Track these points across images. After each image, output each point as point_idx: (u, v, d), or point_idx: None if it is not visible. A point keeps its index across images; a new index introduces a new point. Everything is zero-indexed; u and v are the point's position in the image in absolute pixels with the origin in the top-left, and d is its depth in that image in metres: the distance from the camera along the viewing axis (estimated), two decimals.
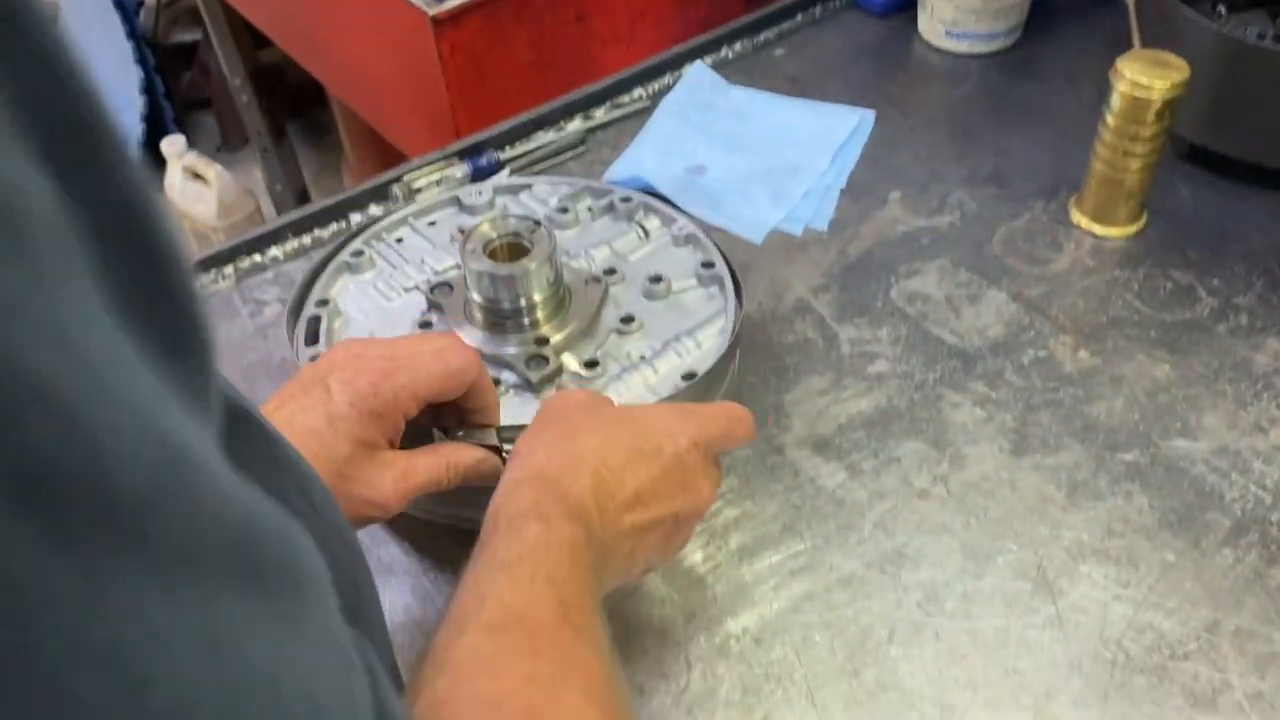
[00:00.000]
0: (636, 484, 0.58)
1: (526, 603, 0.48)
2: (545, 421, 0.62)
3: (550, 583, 0.49)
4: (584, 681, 0.45)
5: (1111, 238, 0.98)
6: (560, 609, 0.48)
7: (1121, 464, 0.80)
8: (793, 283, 0.96)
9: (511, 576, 0.50)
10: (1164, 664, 0.68)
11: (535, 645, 0.46)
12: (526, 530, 0.52)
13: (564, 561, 0.51)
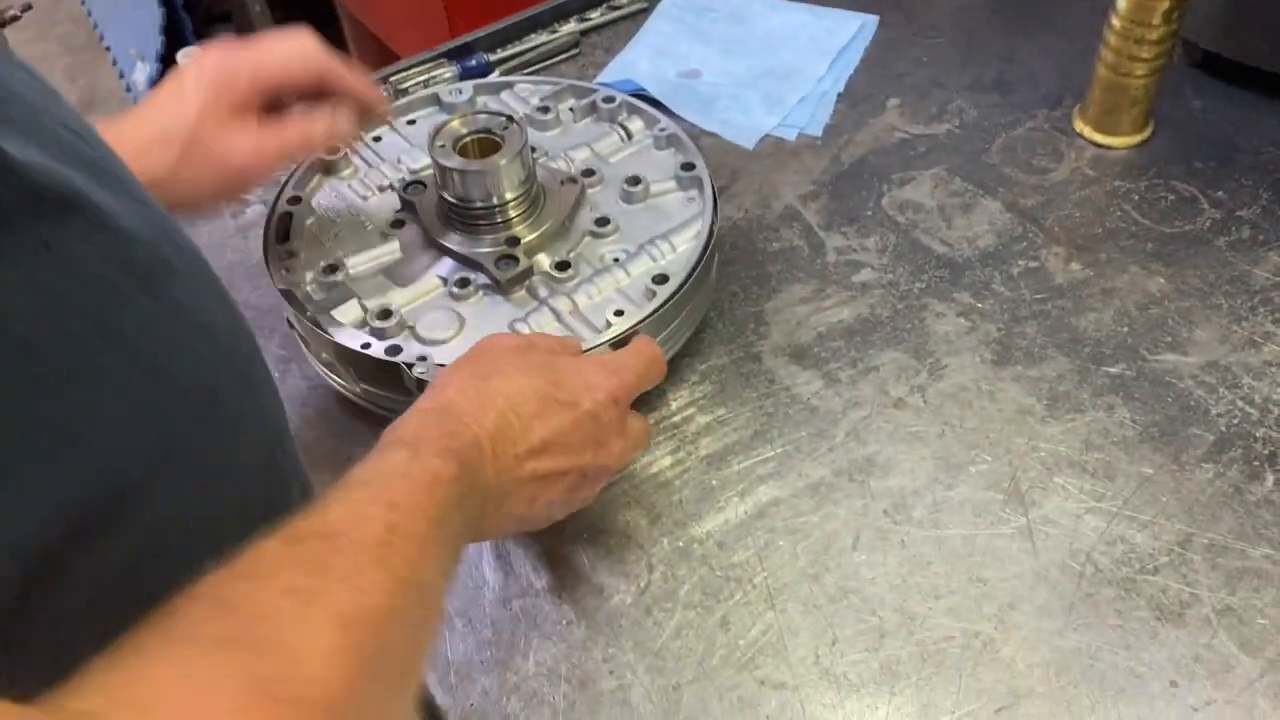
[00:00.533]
0: (544, 433, 0.58)
1: (348, 520, 0.46)
2: (470, 358, 0.62)
3: (388, 506, 0.48)
4: (348, 607, 0.42)
5: (1114, 147, 0.95)
6: (385, 534, 0.46)
7: (1106, 377, 0.78)
8: (782, 189, 0.94)
9: (351, 494, 0.48)
10: (1133, 577, 0.67)
11: (322, 561, 0.43)
12: (392, 455, 0.52)
13: (416, 491, 0.50)
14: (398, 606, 0.44)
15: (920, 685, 0.63)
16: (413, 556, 0.47)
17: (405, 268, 0.78)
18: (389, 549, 0.46)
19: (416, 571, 0.46)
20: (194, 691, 0.36)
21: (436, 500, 0.50)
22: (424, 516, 0.49)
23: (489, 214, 0.76)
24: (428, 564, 0.48)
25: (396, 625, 0.44)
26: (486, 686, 0.65)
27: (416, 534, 0.47)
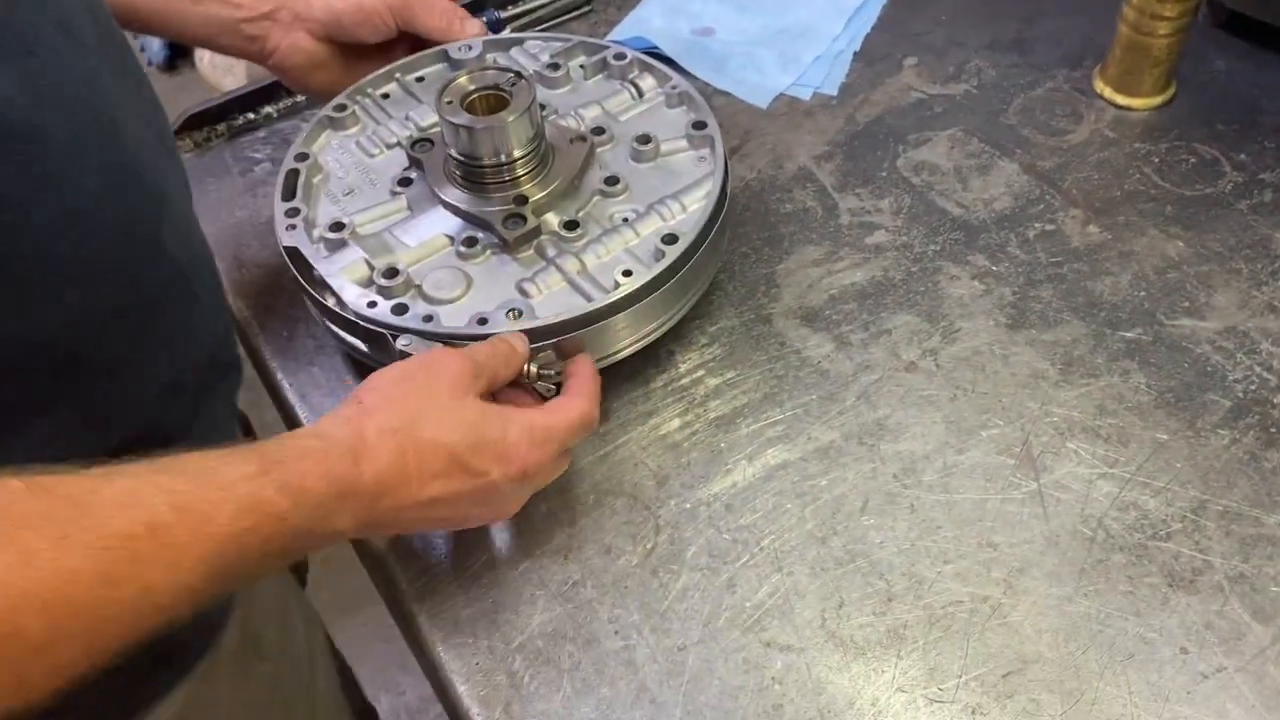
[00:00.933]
0: (437, 492, 0.59)
1: (118, 498, 0.46)
2: (414, 380, 0.61)
3: (175, 508, 0.47)
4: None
5: (1135, 109, 0.93)
6: (140, 529, 0.45)
7: (1122, 341, 0.77)
8: (796, 150, 0.92)
9: (154, 478, 0.48)
10: (1145, 543, 0.66)
11: (28, 521, 0.43)
12: (238, 463, 0.51)
13: (224, 508, 0.48)
14: (71, 599, 0.42)
15: (927, 649, 0.63)
16: (152, 559, 0.45)
17: (412, 226, 0.77)
18: (127, 543, 0.44)
19: (144, 573, 0.45)
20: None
21: (236, 525, 0.49)
22: (207, 531, 0.47)
23: (496, 172, 0.75)
24: (171, 573, 0.46)
25: (53, 613, 0.42)
26: (493, 645, 0.65)
27: (179, 543, 0.46)
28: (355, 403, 0.60)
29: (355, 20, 0.84)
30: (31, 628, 0.42)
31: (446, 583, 0.68)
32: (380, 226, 0.77)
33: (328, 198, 0.80)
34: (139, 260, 0.56)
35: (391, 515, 0.58)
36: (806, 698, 0.62)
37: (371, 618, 1.91)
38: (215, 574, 0.48)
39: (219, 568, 0.48)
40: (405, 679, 1.82)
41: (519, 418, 0.63)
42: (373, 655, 1.85)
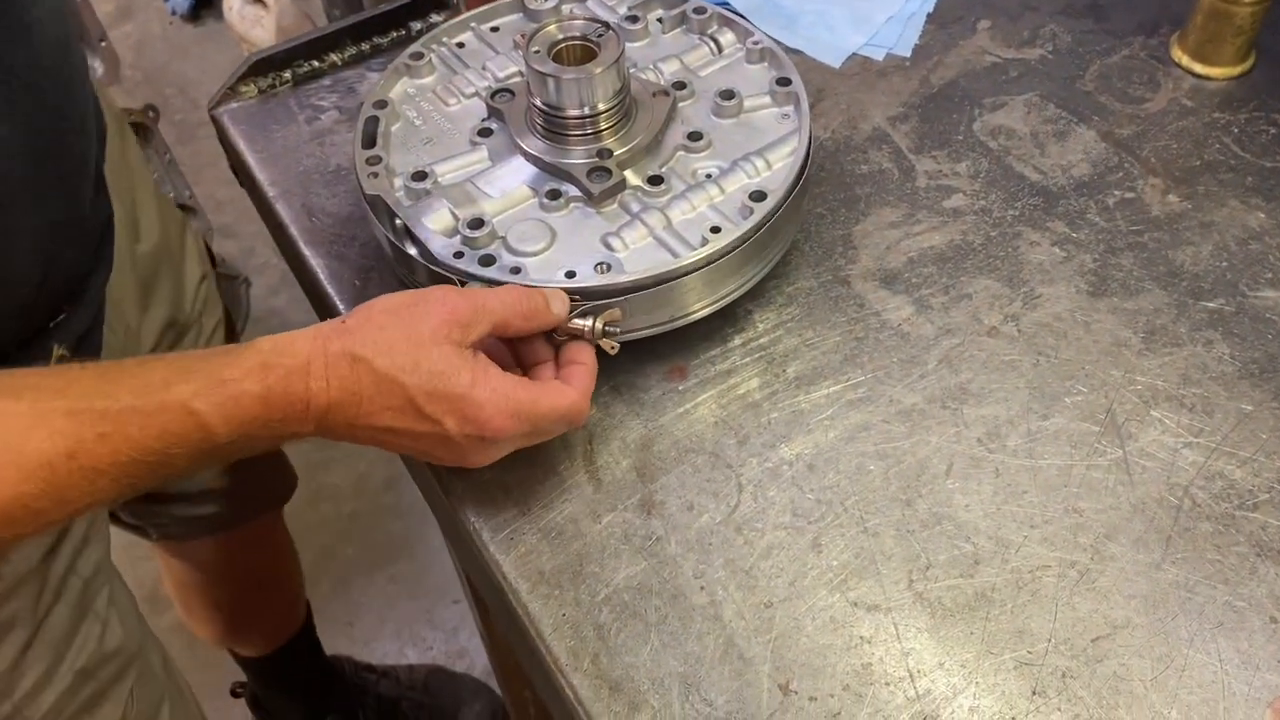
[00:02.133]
0: (390, 423, 0.60)
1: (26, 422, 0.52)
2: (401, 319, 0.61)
3: (99, 438, 0.54)
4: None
5: (1214, 78, 0.92)
6: (61, 459, 0.52)
7: (1204, 311, 0.76)
8: (870, 111, 0.92)
9: (100, 379, 0.56)
10: (1231, 513, 0.66)
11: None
12: (178, 385, 0.56)
13: (149, 428, 0.55)
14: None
15: (1016, 612, 0.63)
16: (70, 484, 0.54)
17: (493, 177, 0.76)
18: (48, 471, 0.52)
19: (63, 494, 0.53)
20: None
21: (162, 444, 0.55)
22: (130, 451, 0.55)
23: (580, 124, 0.75)
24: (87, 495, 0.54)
25: None
26: (579, 597, 0.65)
27: (94, 467, 0.54)
28: (340, 320, 0.61)
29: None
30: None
31: (529, 535, 0.68)
32: (461, 176, 0.76)
33: (406, 146, 0.79)
34: None
35: (344, 430, 0.60)
36: (895, 658, 0.62)
37: (399, 574, 1.93)
38: (135, 481, 0.55)
39: (139, 476, 0.55)
40: (432, 634, 1.83)
41: (496, 381, 0.62)
42: (400, 610, 1.86)
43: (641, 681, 0.62)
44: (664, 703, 0.61)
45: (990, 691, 0.60)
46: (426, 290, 0.64)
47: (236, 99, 0.97)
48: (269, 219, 0.90)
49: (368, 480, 2.01)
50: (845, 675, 0.61)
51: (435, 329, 0.61)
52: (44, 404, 0.53)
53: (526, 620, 0.65)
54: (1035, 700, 0.60)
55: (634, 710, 0.61)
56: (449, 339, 0.61)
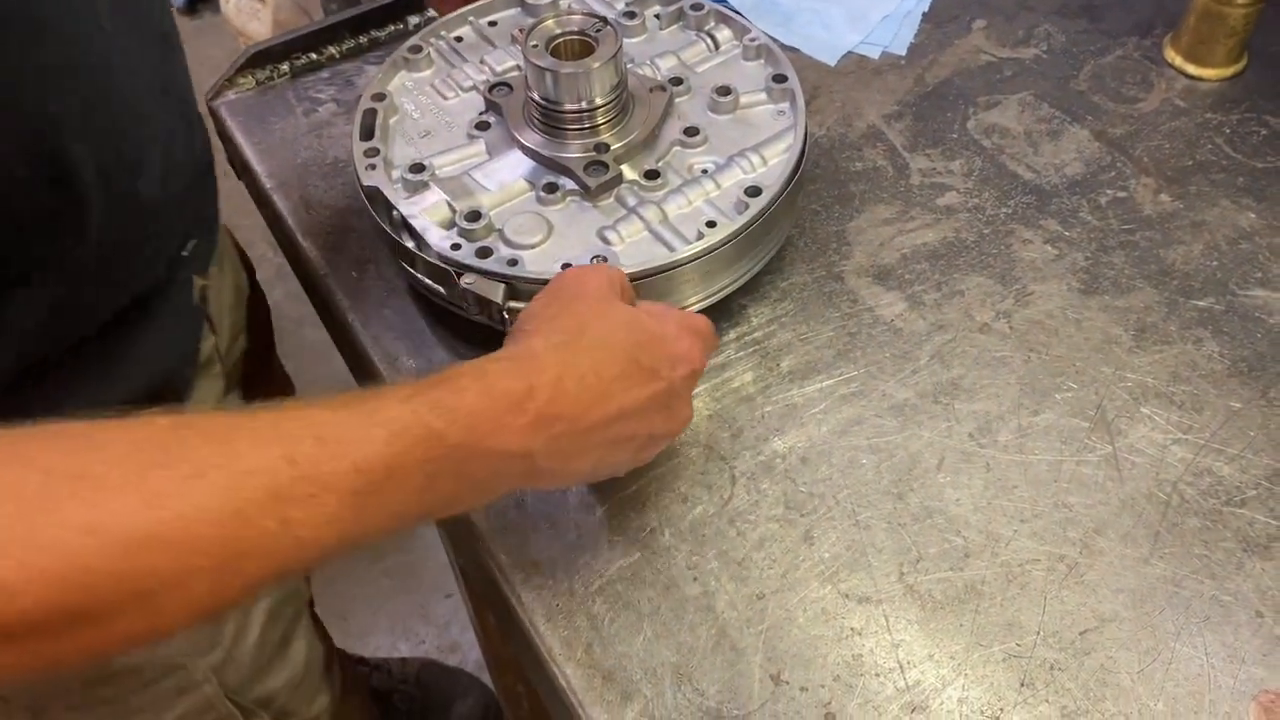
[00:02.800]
0: (624, 402, 0.56)
1: (260, 432, 0.45)
2: (561, 297, 0.60)
3: (317, 439, 0.46)
4: (113, 520, 0.41)
5: (1206, 79, 0.93)
6: (280, 463, 0.44)
7: (1194, 310, 0.77)
8: (865, 109, 0.92)
9: (301, 413, 0.47)
10: (1219, 509, 0.67)
11: (165, 459, 0.42)
12: (391, 389, 0.50)
13: (374, 434, 0.47)
14: (200, 536, 0.42)
15: (1005, 605, 0.64)
16: (292, 493, 0.44)
17: (490, 170, 0.77)
18: (267, 478, 0.44)
19: (284, 509, 0.44)
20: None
21: (390, 450, 0.47)
22: (350, 462, 0.46)
23: (578, 118, 0.75)
24: (313, 506, 0.45)
25: (180, 551, 0.42)
26: (572, 588, 0.66)
27: (322, 474, 0.45)
28: (519, 331, 0.58)
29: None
30: (161, 565, 0.41)
31: (523, 526, 0.69)
32: (459, 169, 0.77)
33: (404, 139, 0.80)
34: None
35: (572, 437, 0.54)
36: (885, 649, 0.62)
37: (392, 569, 1.93)
38: (366, 504, 0.46)
39: (369, 497, 0.46)
40: (425, 628, 1.84)
41: (667, 314, 0.61)
42: (393, 604, 1.86)
43: (634, 671, 0.62)
44: (656, 692, 0.61)
45: (979, 683, 0.61)
46: (559, 277, 0.62)
47: (234, 91, 0.97)
48: (266, 211, 0.91)
49: None
50: (836, 666, 0.62)
51: (598, 292, 0.60)
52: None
53: (520, 610, 0.65)
54: (1023, 692, 0.61)
55: (627, 700, 0.61)
56: (614, 297, 0.60)
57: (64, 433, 0.42)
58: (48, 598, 0.39)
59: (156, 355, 0.71)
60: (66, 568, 0.39)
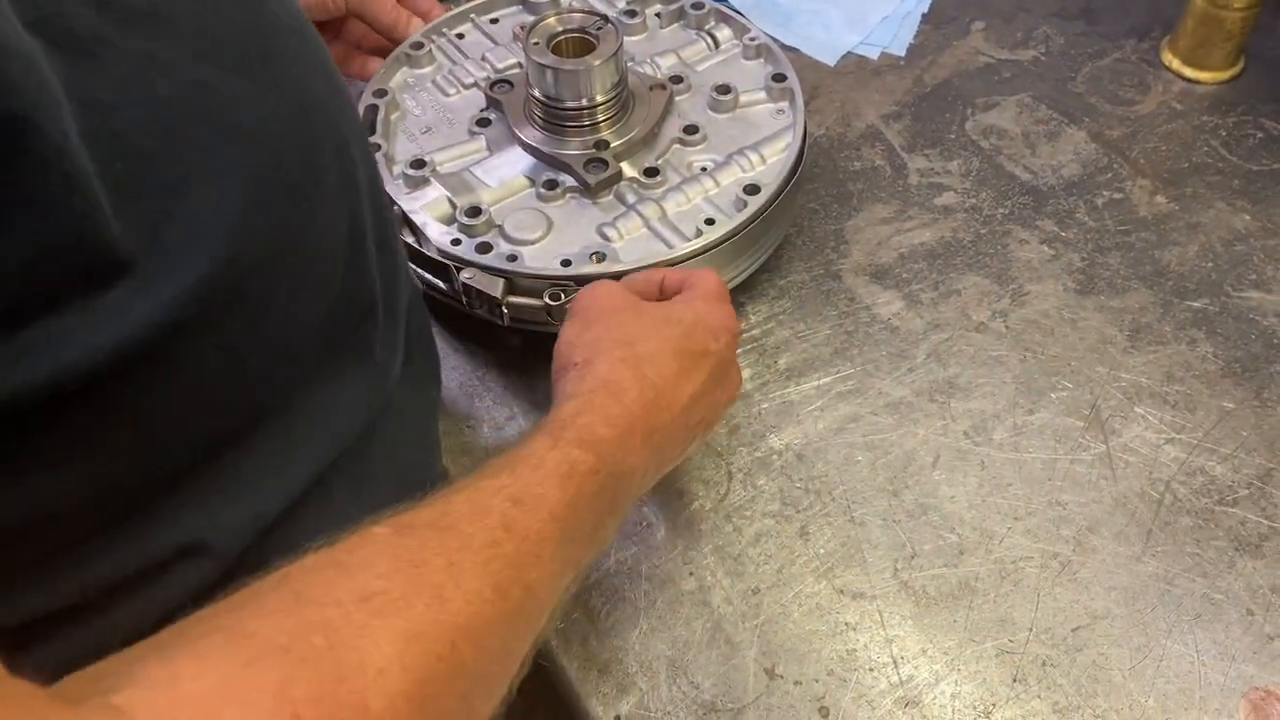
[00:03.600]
0: (691, 390, 0.58)
1: (465, 513, 0.46)
2: (590, 320, 0.60)
3: (512, 501, 0.47)
4: (424, 621, 0.40)
5: (1203, 82, 0.93)
6: (498, 532, 0.45)
7: (1189, 311, 0.77)
8: (864, 109, 0.93)
9: (479, 483, 0.48)
10: (1211, 508, 0.67)
11: (419, 559, 0.42)
12: (533, 442, 0.51)
13: (546, 483, 0.49)
14: (483, 620, 0.43)
15: (998, 601, 0.64)
16: (520, 558, 0.45)
17: (491, 166, 0.77)
18: (495, 550, 0.44)
19: (521, 574, 0.45)
20: (222, 704, 0.35)
21: (566, 493, 0.49)
22: (547, 512, 0.47)
23: (578, 115, 0.76)
24: (539, 567, 0.46)
25: (475, 640, 0.42)
26: None
27: (533, 532, 0.46)
28: (570, 366, 0.58)
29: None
30: (467, 657, 0.42)
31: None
32: (460, 165, 0.77)
33: (405, 135, 0.80)
34: (343, 149, 0.53)
35: (664, 438, 0.56)
36: (879, 644, 0.63)
37: None
38: (568, 554, 0.48)
39: (568, 545, 0.48)
40: None
41: (687, 299, 0.62)
42: None
43: (630, 664, 0.63)
44: (652, 685, 0.62)
45: (971, 679, 0.61)
46: (580, 299, 0.62)
47: None
48: None
49: None
50: (830, 660, 0.62)
51: (623, 303, 0.61)
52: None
53: None
54: (1015, 688, 0.61)
55: (622, 692, 0.62)
56: (638, 301, 0.62)
57: (324, 565, 0.41)
58: (400, 706, 0.38)
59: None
60: (408, 684, 0.38)
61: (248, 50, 0.44)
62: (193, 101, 0.40)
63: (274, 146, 0.43)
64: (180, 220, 0.39)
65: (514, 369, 0.76)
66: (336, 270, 0.49)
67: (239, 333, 0.43)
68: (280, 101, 0.45)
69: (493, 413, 0.75)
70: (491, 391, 0.76)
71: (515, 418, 0.74)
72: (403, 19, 0.86)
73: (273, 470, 0.49)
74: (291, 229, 0.45)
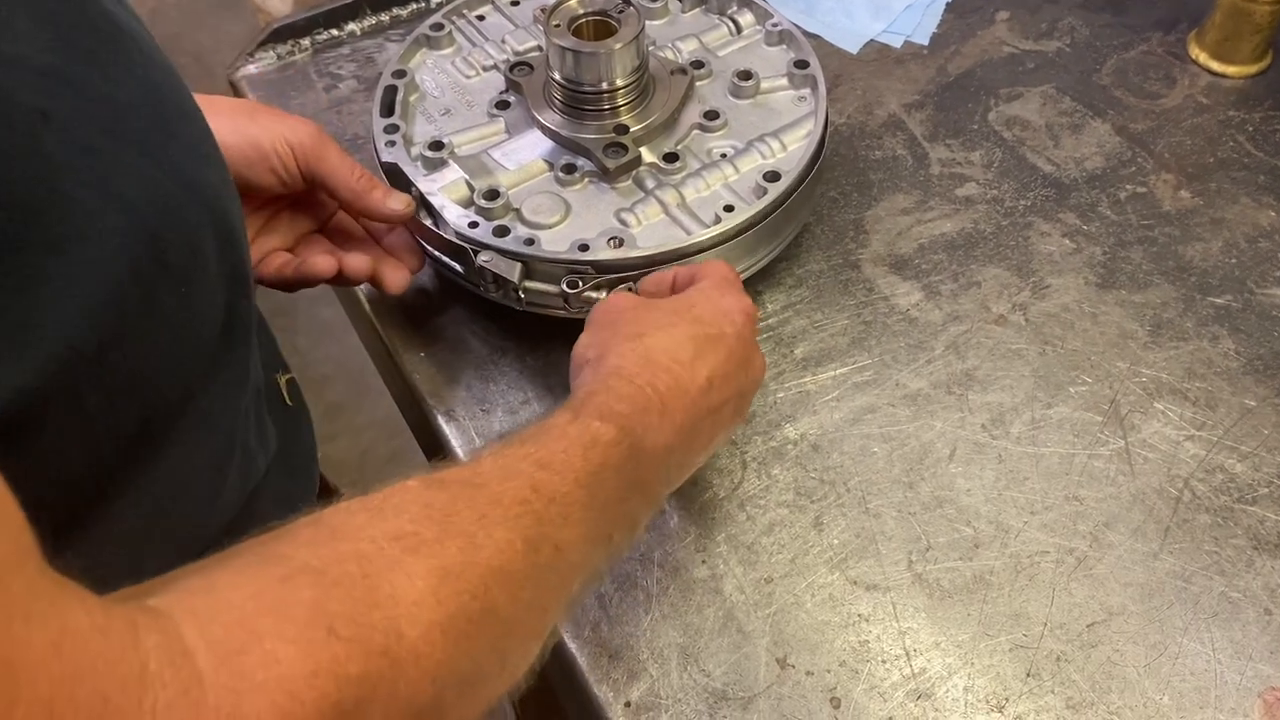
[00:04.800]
0: (708, 372, 0.58)
1: (494, 473, 0.46)
2: (603, 324, 0.61)
3: (538, 465, 0.48)
4: (455, 560, 0.41)
5: (1230, 76, 0.92)
6: (526, 492, 0.46)
7: (1211, 307, 0.77)
8: (886, 97, 0.92)
9: (505, 450, 0.49)
10: (1231, 505, 0.67)
11: (450, 509, 0.43)
12: (555, 417, 0.52)
13: (570, 451, 0.49)
14: (516, 568, 0.44)
15: (1013, 595, 0.64)
16: (550, 517, 0.46)
17: (509, 149, 0.77)
18: (525, 507, 0.45)
19: (550, 533, 0.46)
20: (259, 612, 0.35)
21: (590, 462, 0.49)
22: (573, 477, 0.48)
23: (598, 99, 0.75)
24: (568, 526, 0.47)
25: (508, 585, 0.43)
26: None
27: (560, 494, 0.47)
28: (585, 365, 0.59)
29: (248, 160, 0.66)
30: (500, 601, 0.42)
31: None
32: (478, 148, 0.77)
33: (424, 117, 0.80)
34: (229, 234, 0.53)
35: (686, 418, 0.56)
36: (892, 636, 0.63)
37: None
38: (596, 520, 0.49)
39: (596, 512, 0.49)
40: None
41: (698, 288, 0.63)
42: None
43: (641, 651, 0.62)
44: (662, 672, 0.62)
45: (985, 673, 0.61)
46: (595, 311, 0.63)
47: (255, 65, 0.97)
48: None
49: (370, 455, 2.01)
50: (842, 651, 0.62)
51: (632, 302, 0.61)
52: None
53: None
54: (1029, 682, 0.61)
55: (633, 679, 0.62)
56: (642, 301, 0.62)
57: (357, 509, 0.42)
58: (435, 638, 0.39)
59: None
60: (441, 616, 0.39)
61: (145, 126, 0.45)
62: (80, 166, 0.40)
63: (156, 224, 0.44)
64: (55, 279, 0.39)
65: (529, 354, 0.76)
66: (202, 360, 0.50)
67: (95, 407, 0.43)
68: (170, 182, 0.45)
69: (507, 396, 0.74)
70: (506, 376, 0.75)
71: (530, 402, 0.74)
72: (367, 193, 0.70)
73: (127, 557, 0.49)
74: (164, 308, 0.45)
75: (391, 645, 0.37)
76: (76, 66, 0.42)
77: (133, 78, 0.45)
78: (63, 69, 0.41)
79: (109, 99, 0.43)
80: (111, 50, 0.45)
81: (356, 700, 0.36)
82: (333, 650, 0.35)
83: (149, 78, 0.46)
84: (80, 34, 0.43)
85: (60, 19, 0.42)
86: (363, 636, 0.37)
